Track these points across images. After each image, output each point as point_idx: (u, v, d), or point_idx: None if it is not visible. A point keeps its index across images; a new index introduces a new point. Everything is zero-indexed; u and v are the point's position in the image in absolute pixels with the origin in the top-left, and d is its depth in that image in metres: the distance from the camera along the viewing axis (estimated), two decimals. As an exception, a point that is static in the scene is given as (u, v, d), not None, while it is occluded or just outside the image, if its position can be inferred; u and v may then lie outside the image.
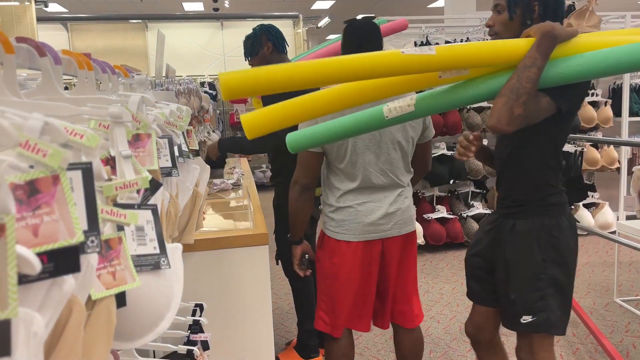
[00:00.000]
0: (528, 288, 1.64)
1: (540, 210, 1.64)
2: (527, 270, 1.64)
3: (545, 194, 1.64)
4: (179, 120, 1.29)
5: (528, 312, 1.64)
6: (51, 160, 0.46)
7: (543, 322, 1.63)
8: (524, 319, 1.64)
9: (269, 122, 1.48)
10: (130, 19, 8.72)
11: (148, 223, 0.75)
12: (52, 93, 0.86)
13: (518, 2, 1.58)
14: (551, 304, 1.62)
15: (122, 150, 0.74)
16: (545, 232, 1.61)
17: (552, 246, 1.61)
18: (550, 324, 1.63)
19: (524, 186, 1.66)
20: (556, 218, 1.62)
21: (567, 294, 1.65)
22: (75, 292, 0.55)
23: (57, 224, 0.46)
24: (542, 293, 1.62)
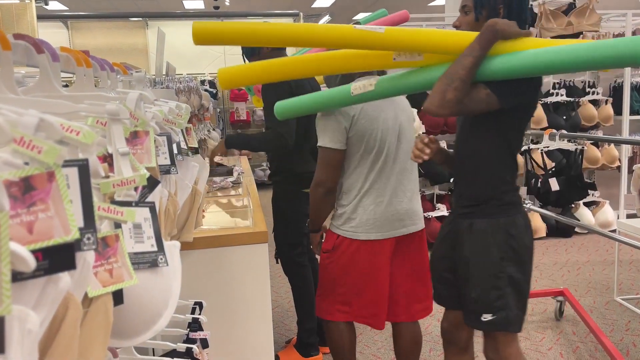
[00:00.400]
0: (487, 287, 1.65)
1: (496, 209, 1.65)
2: (486, 269, 1.65)
3: (501, 193, 1.65)
4: (178, 118, 1.29)
5: (488, 310, 1.65)
6: (46, 157, 0.45)
7: (502, 320, 1.64)
8: (484, 317, 1.66)
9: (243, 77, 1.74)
10: (131, 17, 8.71)
11: (146, 220, 0.75)
12: (50, 90, 0.86)
13: (484, 3, 1.61)
14: (510, 302, 1.63)
15: (119, 148, 0.73)
16: (502, 230, 1.62)
17: (509, 245, 1.62)
18: (509, 322, 1.65)
19: (480, 185, 1.67)
20: (512, 217, 1.64)
21: (523, 292, 1.66)
22: (71, 290, 0.54)
23: (52, 221, 0.45)
24: (501, 292, 1.63)
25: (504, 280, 1.62)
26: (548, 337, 2.95)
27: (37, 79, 0.89)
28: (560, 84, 4.96)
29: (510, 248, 1.62)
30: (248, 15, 8.72)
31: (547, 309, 3.32)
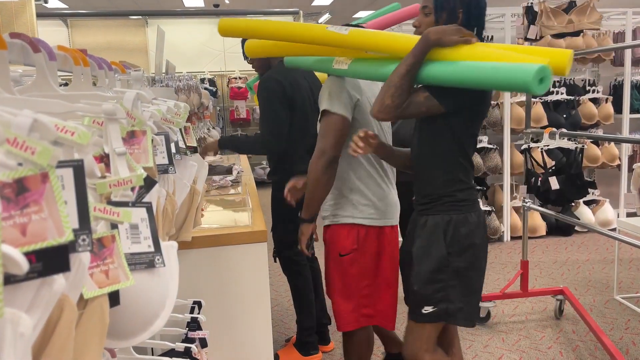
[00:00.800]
0: (430, 280, 1.69)
1: (449, 206, 1.69)
2: (432, 262, 1.68)
3: (455, 191, 1.69)
4: (177, 117, 1.28)
5: (429, 302, 1.69)
6: (40, 158, 0.45)
7: (442, 312, 1.69)
8: (425, 310, 1.70)
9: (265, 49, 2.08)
10: (131, 15, 8.69)
11: (142, 221, 0.74)
12: (47, 89, 0.85)
13: (444, 6, 1.65)
14: (452, 295, 1.68)
15: (116, 148, 0.73)
16: (452, 226, 1.67)
17: (457, 240, 1.66)
18: (449, 314, 1.69)
19: (434, 184, 1.71)
20: (465, 214, 1.68)
21: (471, 288, 1.71)
22: (66, 292, 0.54)
23: (46, 223, 0.45)
24: (444, 284, 1.68)
25: (447, 274, 1.67)
26: (548, 335, 2.95)
27: (34, 78, 0.88)
28: (561, 82, 4.95)
29: (458, 243, 1.66)
30: (247, 14, 8.70)
31: (547, 307, 3.31)
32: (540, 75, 1.30)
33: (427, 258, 1.69)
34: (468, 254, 1.67)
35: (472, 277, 1.70)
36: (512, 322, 3.14)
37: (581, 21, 3.71)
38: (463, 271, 1.67)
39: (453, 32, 1.52)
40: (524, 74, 1.30)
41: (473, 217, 1.69)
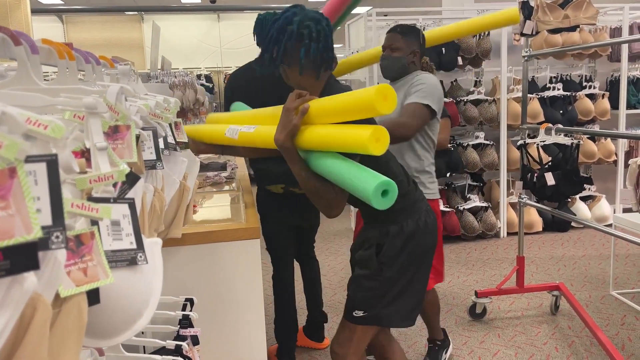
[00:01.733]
0: (362, 287, 1.74)
1: (386, 218, 1.69)
2: (366, 270, 1.74)
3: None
4: (166, 112, 1.26)
5: (360, 307, 1.74)
6: (7, 152, 0.43)
7: (373, 316, 1.74)
8: (356, 313, 1.74)
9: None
10: (126, 10, 8.64)
11: (124, 217, 0.72)
12: (28, 83, 0.83)
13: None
14: (383, 301, 1.71)
15: (97, 142, 0.71)
16: (388, 238, 1.69)
17: (390, 250, 1.69)
18: (380, 317, 1.74)
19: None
20: (400, 224, 1.70)
21: (407, 292, 1.73)
22: (40, 290, 0.52)
23: (13, 219, 0.43)
24: (375, 292, 1.72)
25: (379, 281, 1.70)
26: (543, 331, 2.95)
27: (16, 72, 0.86)
28: (557, 78, 4.94)
29: (389, 253, 1.69)
30: (245, 9, 8.66)
31: (543, 303, 3.31)
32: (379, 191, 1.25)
33: (362, 267, 1.76)
34: (403, 263, 1.70)
35: (406, 283, 1.72)
36: (508, 318, 3.13)
37: (577, 16, 3.69)
38: (395, 278, 1.70)
39: (286, 120, 1.44)
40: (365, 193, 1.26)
41: (409, 225, 1.70)
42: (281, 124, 1.46)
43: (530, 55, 3.21)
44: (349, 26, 5.05)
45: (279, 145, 1.47)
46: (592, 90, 4.85)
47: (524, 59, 3.21)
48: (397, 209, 1.63)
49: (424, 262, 1.77)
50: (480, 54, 4.57)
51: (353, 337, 1.78)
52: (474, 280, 3.78)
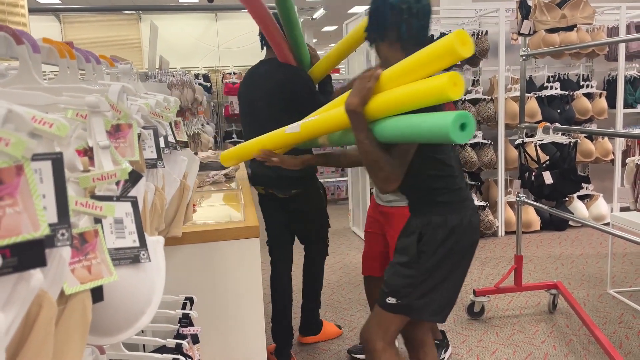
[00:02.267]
0: (399, 274, 1.75)
1: (431, 209, 1.73)
2: (404, 257, 1.75)
3: (435, 194, 1.73)
4: (166, 111, 1.26)
5: (394, 294, 1.75)
6: (14, 150, 0.43)
7: (405, 306, 1.74)
8: (389, 300, 1.75)
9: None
10: (124, 10, 8.62)
11: (127, 215, 0.73)
12: (30, 82, 0.84)
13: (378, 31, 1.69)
14: (417, 292, 1.72)
15: (99, 141, 0.71)
16: (430, 228, 1.70)
17: (431, 240, 1.70)
18: (411, 308, 1.74)
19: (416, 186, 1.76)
20: (444, 216, 1.70)
21: (440, 287, 1.73)
22: (46, 287, 0.53)
23: (21, 217, 0.44)
24: (411, 281, 1.72)
25: (415, 270, 1.72)
26: (541, 329, 2.96)
27: (17, 70, 0.86)
28: (555, 77, 4.95)
29: (432, 245, 1.70)
30: (242, 9, 8.64)
31: (541, 302, 3.32)
32: (458, 124, 1.29)
33: (400, 253, 1.77)
34: (440, 256, 1.70)
35: (442, 277, 1.72)
36: (506, 317, 3.14)
37: (574, 16, 3.70)
38: (433, 270, 1.71)
39: (360, 86, 1.51)
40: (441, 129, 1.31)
41: (453, 220, 1.70)
42: (355, 90, 1.52)
43: (528, 54, 3.22)
44: (347, 26, 5.05)
45: (351, 110, 1.52)
46: (590, 89, 4.87)
47: (522, 58, 3.22)
48: (443, 201, 1.72)
49: (463, 260, 1.75)
50: (478, 53, 4.57)
51: (382, 324, 1.78)
52: (472, 279, 3.79)
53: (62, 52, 1.01)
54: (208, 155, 3.76)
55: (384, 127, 1.51)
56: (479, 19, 4.83)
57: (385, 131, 1.50)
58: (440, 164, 1.72)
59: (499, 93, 4.64)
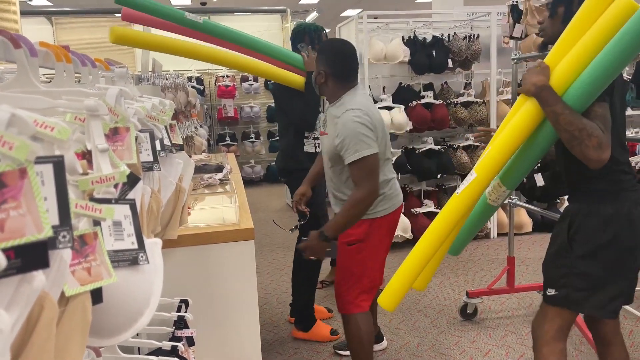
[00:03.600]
0: (553, 264, 1.77)
1: (584, 194, 1.72)
2: (555, 246, 1.77)
3: (586, 181, 1.71)
4: (162, 114, 1.27)
5: (552, 285, 1.75)
6: (18, 153, 0.44)
7: (563, 297, 1.72)
8: (549, 292, 1.76)
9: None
10: (116, 12, 8.60)
11: (126, 218, 0.74)
12: (28, 85, 0.84)
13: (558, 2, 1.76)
14: (575, 282, 1.69)
15: (98, 144, 0.72)
16: (581, 215, 1.70)
17: (583, 229, 1.68)
18: (569, 300, 1.72)
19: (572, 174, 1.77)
20: (597, 205, 1.67)
21: (598, 279, 1.68)
22: (47, 289, 0.53)
23: (24, 219, 0.44)
24: (566, 271, 1.71)
25: (569, 259, 1.70)
26: (534, 331, 2.98)
27: (15, 74, 0.87)
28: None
29: (582, 233, 1.69)
30: (235, 12, 8.66)
31: (533, 303, 3.35)
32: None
33: (553, 242, 1.80)
34: (596, 246, 1.66)
35: (599, 269, 1.67)
36: (498, 318, 3.16)
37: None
38: (588, 260, 1.67)
39: (534, 70, 1.58)
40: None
41: (607, 209, 1.65)
42: (532, 73, 1.57)
43: (519, 57, 3.25)
44: (340, 29, 5.08)
45: (539, 88, 1.54)
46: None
47: (514, 61, 3.25)
48: (598, 188, 1.68)
49: (626, 253, 1.67)
50: (470, 57, 4.61)
51: (547, 317, 1.77)
52: (465, 280, 3.81)
53: (58, 56, 1.02)
54: (202, 158, 3.76)
55: (576, 90, 1.53)
56: (471, 23, 4.87)
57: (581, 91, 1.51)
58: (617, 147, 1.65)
59: (491, 96, 4.68)
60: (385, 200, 2.16)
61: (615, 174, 1.67)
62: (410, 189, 4.74)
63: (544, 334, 1.78)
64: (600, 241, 1.66)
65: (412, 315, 3.25)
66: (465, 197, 1.69)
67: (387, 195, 2.16)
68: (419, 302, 3.43)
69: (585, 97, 1.53)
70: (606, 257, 1.67)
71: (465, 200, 1.69)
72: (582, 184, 1.72)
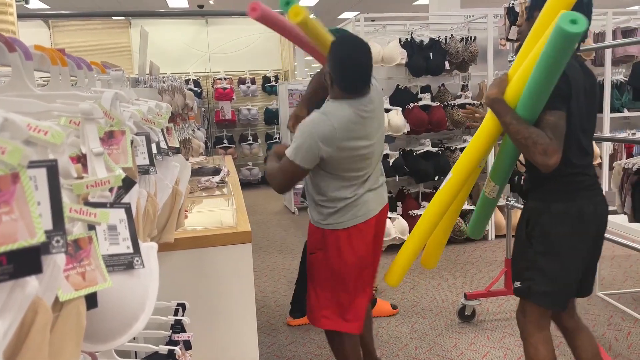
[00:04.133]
0: (516, 257, 1.93)
1: (537, 195, 1.86)
2: (520, 243, 1.91)
3: (542, 182, 1.83)
4: (158, 118, 1.27)
5: (517, 278, 1.90)
6: (10, 158, 0.44)
7: (526, 289, 1.86)
8: (516, 284, 1.90)
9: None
10: (113, 15, 8.60)
11: (121, 222, 0.73)
12: (22, 89, 0.84)
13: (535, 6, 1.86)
14: (534, 276, 1.82)
15: (93, 148, 0.72)
16: (535, 213, 1.84)
17: (538, 225, 1.82)
18: (531, 292, 1.85)
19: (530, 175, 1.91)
20: (549, 203, 1.80)
21: (556, 273, 1.81)
22: (40, 294, 0.53)
23: (17, 224, 0.44)
24: (528, 264, 1.85)
25: (531, 255, 1.84)
26: (532, 333, 2.98)
27: (10, 78, 0.87)
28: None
29: (537, 230, 1.82)
30: (233, 15, 8.66)
31: (531, 305, 3.35)
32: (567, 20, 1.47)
33: (517, 237, 1.94)
34: (548, 241, 1.79)
35: (556, 263, 1.79)
36: (497, 320, 3.16)
37: (562, 21, 3.76)
38: (545, 255, 1.80)
39: (494, 82, 1.76)
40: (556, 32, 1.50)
41: (558, 207, 1.77)
42: (494, 84, 1.75)
43: (516, 60, 3.24)
44: (337, 31, 5.08)
45: (492, 99, 1.72)
46: (577, 94, 4.92)
47: (510, 63, 3.25)
48: (552, 188, 1.80)
49: (579, 248, 1.79)
50: (467, 59, 4.62)
51: (525, 309, 1.90)
52: (463, 282, 3.81)
53: (54, 59, 1.01)
54: (199, 160, 3.76)
55: (522, 100, 1.66)
56: (468, 25, 4.88)
57: (525, 102, 1.65)
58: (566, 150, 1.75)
59: (488, 98, 4.68)
60: (339, 213, 2.00)
61: (570, 176, 1.77)
62: (408, 191, 4.74)
63: (526, 325, 1.91)
64: (555, 237, 1.78)
65: (410, 317, 3.25)
66: (445, 193, 1.97)
67: (340, 209, 2.00)
68: (417, 305, 3.43)
69: (529, 108, 1.66)
70: (561, 252, 1.79)
71: (445, 196, 1.97)
72: (538, 184, 1.83)
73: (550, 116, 1.65)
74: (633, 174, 2.45)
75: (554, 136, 1.63)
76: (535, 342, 1.89)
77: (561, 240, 1.77)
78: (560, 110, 1.66)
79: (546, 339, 1.88)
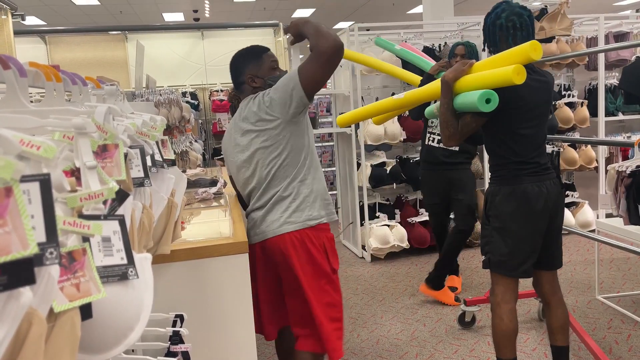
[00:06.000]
0: (482, 234, 2.27)
1: (493, 180, 2.21)
2: (482, 222, 2.26)
3: (496, 169, 2.19)
4: (152, 130, 1.28)
5: (482, 252, 2.25)
6: (3, 172, 0.45)
7: (487, 261, 2.21)
8: (482, 258, 2.25)
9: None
10: (110, 30, 8.66)
11: (115, 234, 0.74)
12: (17, 106, 0.85)
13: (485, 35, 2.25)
14: (493, 249, 2.17)
15: (86, 161, 0.73)
16: (490, 195, 2.19)
17: (493, 205, 2.17)
18: (492, 263, 2.19)
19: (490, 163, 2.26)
20: (499, 187, 2.15)
21: (509, 246, 2.13)
22: (35, 305, 0.54)
23: (10, 236, 0.45)
24: (487, 240, 2.21)
25: (488, 230, 2.20)
26: (532, 337, 2.98)
27: (4, 95, 0.88)
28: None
29: (493, 209, 2.17)
30: (228, 27, 8.72)
31: (531, 309, 3.35)
32: (484, 98, 1.95)
33: (482, 218, 2.27)
34: (501, 218, 2.13)
35: (507, 236, 2.12)
36: (497, 326, 3.16)
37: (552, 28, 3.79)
38: (498, 230, 2.13)
39: (458, 67, 2.11)
40: (473, 100, 1.98)
41: (505, 190, 2.12)
42: (453, 69, 2.11)
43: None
44: (332, 41, 5.12)
45: (445, 81, 2.11)
46: (571, 98, 4.96)
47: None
48: (501, 174, 2.16)
49: (528, 222, 2.10)
50: (462, 66, 4.65)
51: (493, 283, 2.23)
52: (463, 288, 3.80)
53: (48, 76, 1.03)
54: (197, 172, 3.77)
55: (457, 98, 2.11)
56: (461, 33, 4.92)
57: (457, 100, 2.11)
58: (501, 142, 2.13)
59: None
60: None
61: (515, 164, 2.12)
62: (405, 198, 4.75)
63: (494, 298, 2.22)
64: (505, 214, 2.11)
65: (410, 325, 3.25)
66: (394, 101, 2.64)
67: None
68: (417, 312, 3.43)
69: (457, 105, 2.14)
70: (512, 227, 2.11)
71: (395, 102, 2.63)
72: (493, 171, 2.19)
73: (468, 116, 2.10)
74: (627, 177, 2.46)
75: (461, 129, 2.12)
76: (500, 313, 2.20)
77: (510, 216, 2.11)
78: (479, 117, 2.07)
79: (511, 311, 2.20)
